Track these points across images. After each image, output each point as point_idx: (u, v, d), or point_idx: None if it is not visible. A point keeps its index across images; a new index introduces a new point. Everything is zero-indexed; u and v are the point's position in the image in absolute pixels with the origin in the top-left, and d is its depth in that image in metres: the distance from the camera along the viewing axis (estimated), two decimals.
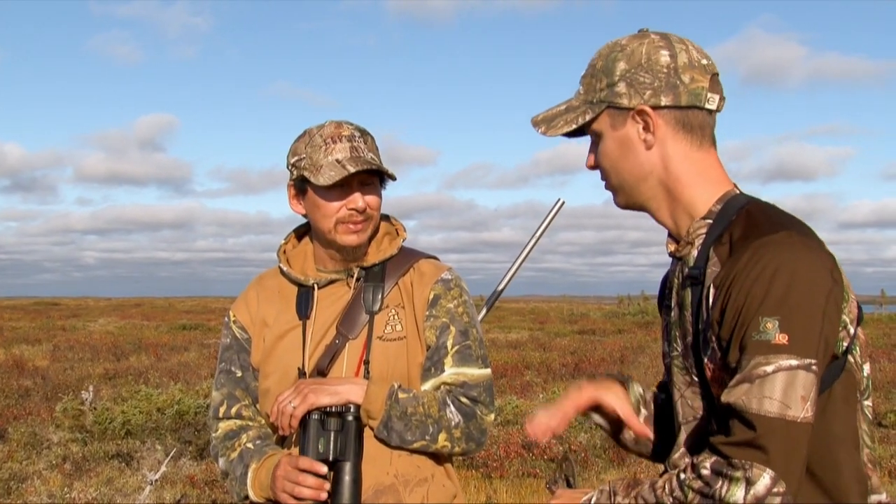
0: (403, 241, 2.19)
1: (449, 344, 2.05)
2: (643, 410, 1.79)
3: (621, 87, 1.54)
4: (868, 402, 1.53)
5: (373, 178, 2.10)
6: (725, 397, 1.39)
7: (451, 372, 2.04)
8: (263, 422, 2.15)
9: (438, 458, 2.08)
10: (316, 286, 2.12)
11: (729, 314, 1.42)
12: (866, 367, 1.53)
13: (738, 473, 1.34)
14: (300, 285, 2.15)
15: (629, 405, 1.75)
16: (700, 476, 1.38)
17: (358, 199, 2.05)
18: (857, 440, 1.49)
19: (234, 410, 2.14)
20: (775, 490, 1.33)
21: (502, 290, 2.28)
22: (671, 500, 1.41)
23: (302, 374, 2.06)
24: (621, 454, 7.95)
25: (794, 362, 1.35)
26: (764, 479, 1.33)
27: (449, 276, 2.13)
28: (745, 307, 1.39)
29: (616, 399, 1.74)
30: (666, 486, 1.43)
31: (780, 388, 1.34)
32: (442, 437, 2.01)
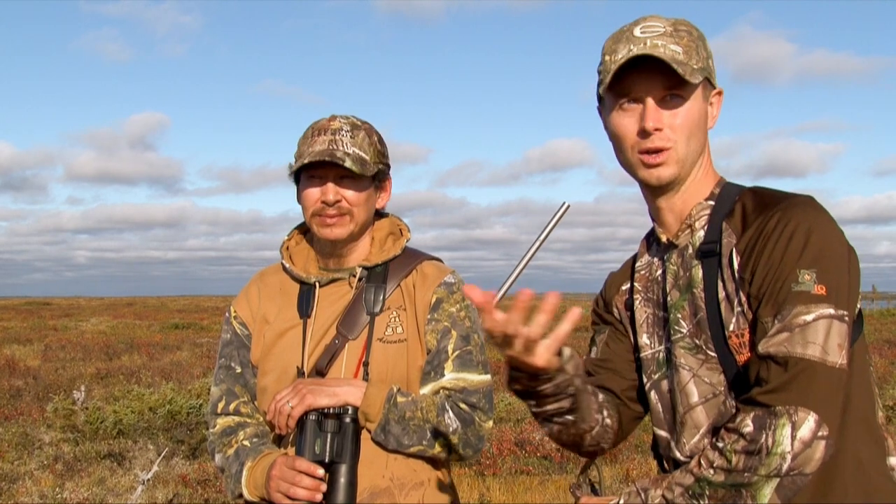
0: (407, 241, 2.16)
1: (450, 348, 2.03)
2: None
3: (712, 65, 1.60)
4: (872, 369, 1.57)
5: (356, 172, 2.03)
6: (764, 347, 1.40)
7: (451, 377, 2.01)
8: (261, 419, 2.12)
9: (435, 462, 2.06)
10: (317, 284, 2.10)
11: (761, 271, 1.45)
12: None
13: (783, 419, 1.33)
14: (302, 283, 2.13)
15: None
16: (742, 435, 1.37)
17: (329, 192, 2.02)
18: (873, 401, 1.52)
19: (232, 407, 2.12)
20: (820, 434, 1.33)
21: (503, 294, 2.28)
22: (713, 471, 1.39)
23: (301, 373, 2.04)
24: (614, 451, 7.96)
25: (832, 311, 1.38)
26: (809, 423, 1.33)
27: (452, 280, 2.11)
28: (783, 262, 1.42)
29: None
30: (703, 462, 1.41)
31: (823, 335, 1.37)
32: (439, 442, 1.99)
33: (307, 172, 2.07)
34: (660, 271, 1.64)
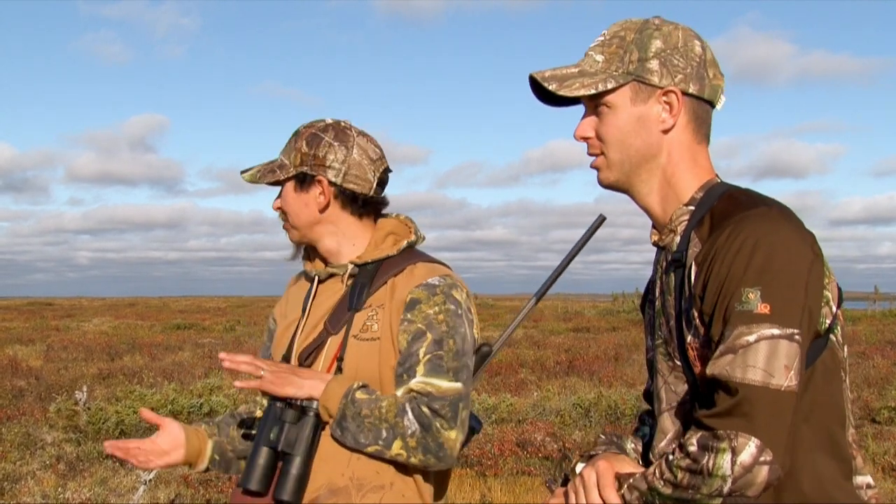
0: (408, 242, 2.15)
1: (421, 352, 1.98)
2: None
3: (654, 65, 1.54)
4: (847, 384, 1.54)
5: (286, 178, 2.14)
6: (710, 369, 1.39)
7: (419, 380, 1.96)
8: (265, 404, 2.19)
9: (405, 467, 1.99)
10: (317, 279, 2.16)
11: (711, 288, 1.43)
12: (845, 349, 1.54)
13: (724, 444, 1.34)
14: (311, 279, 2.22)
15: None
16: (688, 454, 1.38)
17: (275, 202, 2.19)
18: (843, 418, 1.50)
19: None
20: (762, 459, 1.32)
21: (532, 307, 2.30)
22: (662, 483, 1.41)
23: (285, 361, 2.11)
24: None
25: (776, 331, 1.35)
26: (749, 448, 1.32)
27: (436, 282, 2.05)
28: (728, 279, 1.40)
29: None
30: (656, 471, 1.43)
31: (764, 357, 1.34)
32: (397, 444, 1.92)
33: None
34: (658, 273, 1.65)
